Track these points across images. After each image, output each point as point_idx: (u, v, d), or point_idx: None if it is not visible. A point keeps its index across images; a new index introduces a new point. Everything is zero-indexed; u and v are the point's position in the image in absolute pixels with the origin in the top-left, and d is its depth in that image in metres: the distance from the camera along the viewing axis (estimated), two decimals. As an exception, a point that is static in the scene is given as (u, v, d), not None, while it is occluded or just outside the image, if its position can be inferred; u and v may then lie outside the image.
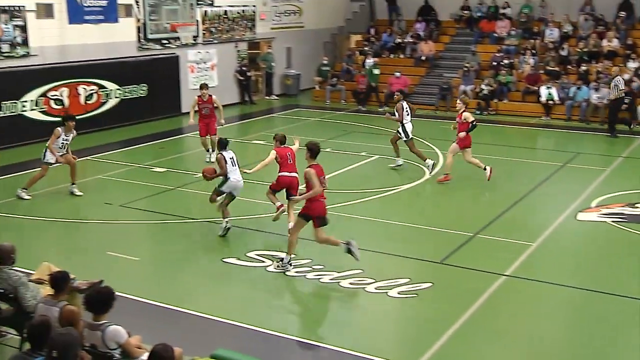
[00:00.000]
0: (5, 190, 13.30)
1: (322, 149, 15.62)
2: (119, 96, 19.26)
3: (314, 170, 9.06)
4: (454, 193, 13.48)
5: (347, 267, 9.40)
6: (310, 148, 9.34)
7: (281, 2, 25.61)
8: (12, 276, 6.82)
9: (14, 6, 16.35)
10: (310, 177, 9.02)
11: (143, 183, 13.76)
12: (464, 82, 23.09)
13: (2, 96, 16.25)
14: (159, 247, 10.64)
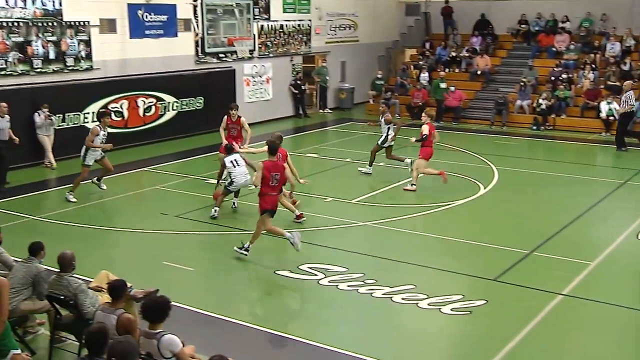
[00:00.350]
0: (66, 200, 13.71)
1: (376, 163, 15.65)
2: (176, 108, 19.67)
3: (262, 165, 9.93)
4: (509, 209, 13.26)
5: (400, 282, 9.33)
6: (269, 145, 10.20)
7: (336, 16, 25.77)
8: (73, 283, 7.01)
9: (80, 21, 16.92)
10: (257, 169, 9.97)
11: (198, 194, 13.98)
12: (520, 97, 22.74)
13: (66, 108, 16.79)
14: (213, 257, 10.77)
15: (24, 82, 15.94)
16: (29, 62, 16.00)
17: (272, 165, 9.97)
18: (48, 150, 16.01)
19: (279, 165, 10.15)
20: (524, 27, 25.86)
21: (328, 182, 15.37)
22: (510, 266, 10.09)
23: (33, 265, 7.27)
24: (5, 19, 15.36)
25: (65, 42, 16.67)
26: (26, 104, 15.71)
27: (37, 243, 7.45)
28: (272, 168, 9.94)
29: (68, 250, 7.31)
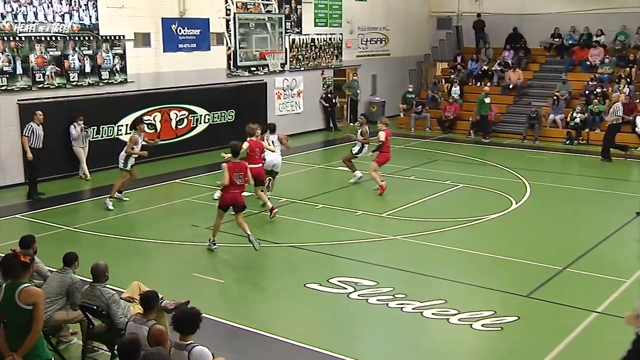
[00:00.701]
0: (101, 211, 13.92)
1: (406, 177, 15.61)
2: (207, 121, 19.87)
3: (226, 165, 10.97)
4: (542, 225, 13.08)
5: (430, 297, 9.26)
6: (231, 148, 11.32)
7: (367, 30, 25.84)
8: (105, 294, 7.10)
9: (115, 36, 17.23)
10: (222, 170, 10.96)
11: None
12: (553, 111, 22.50)
13: (100, 120, 17.07)
14: (243, 270, 10.81)
15: (60, 95, 16.25)
16: (66, 75, 16.32)
17: (235, 166, 11.02)
18: (83, 161, 16.28)
19: (242, 165, 11.15)
20: (557, 40, 25.63)
21: (358, 195, 15.35)
22: (543, 282, 9.95)
23: (67, 276, 7.38)
24: (44, 33, 15.71)
25: (100, 56, 16.98)
26: (62, 116, 16.02)
27: (71, 254, 7.57)
28: (236, 168, 10.99)
29: (101, 261, 7.41)
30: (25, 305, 5.76)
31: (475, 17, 27.13)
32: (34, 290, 5.87)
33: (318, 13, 23.42)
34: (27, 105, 15.33)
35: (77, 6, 16.28)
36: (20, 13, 15.21)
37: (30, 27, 15.43)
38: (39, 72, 15.75)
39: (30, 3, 15.36)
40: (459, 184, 16.00)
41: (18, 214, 13.52)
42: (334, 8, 24.06)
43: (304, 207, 14.14)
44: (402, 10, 27.25)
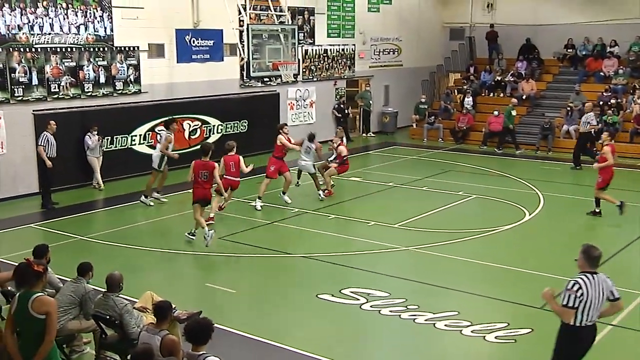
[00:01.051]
0: (115, 220, 13.99)
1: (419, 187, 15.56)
2: (220, 131, 19.94)
3: (193, 164, 12.00)
4: (555, 236, 12.99)
5: (443, 309, 9.21)
6: (202, 147, 12.41)
7: (380, 41, 25.89)
8: (119, 304, 7.12)
9: (129, 47, 17.36)
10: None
11: (241, 216, 14.09)
12: (566, 121, 22.40)
13: (115, 130, 17.18)
14: (255, 280, 10.80)
15: (74, 105, 16.37)
16: (80, 86, 16.45)
17: (202, 165, 11.93)
18: (97, 171, 16.38)
19: (209, 165, 11.95)
20: (571, 51, 25.56)
21: (371, 206, 15.33)
22: (557, 294, 9.83)
23: (81, 286, 7.41)
24: (59, 45, 15.86)
25: (115, 67, 17.12)
26: (76, 127, 16.14)
27: (85, 264, 7.60)
28: (202, 167, 11.92)
29: (116, 271, 7.44)
30: (38, 314, 5.78)
31: (488, 28, 27.12)
32: (46, 300, 5.89)
33: (331, 24, 23.49)
34: (42, 115, 15.46)
35: (92, 18, 16.44)
36: (36, 25, 15.38)
37: (46, 38, 15.59)
38: (54, 82, 15.89)
39: (46, 15, 15.53)
40: (472, 195, 15.94)
41: (32, 224, 13.61)
42: (346, 19, 24.12)
43: (316, 218, 14.14)
44: (415, 21, 27.29)
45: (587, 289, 6.09)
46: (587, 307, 6.11)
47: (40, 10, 15.42)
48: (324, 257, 11.53)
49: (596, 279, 6.19)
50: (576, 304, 6.09)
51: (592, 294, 6.11)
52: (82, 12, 16.21)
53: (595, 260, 6.25)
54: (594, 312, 6.18)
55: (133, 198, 15.52)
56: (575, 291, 6.08)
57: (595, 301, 6.13)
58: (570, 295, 6.10)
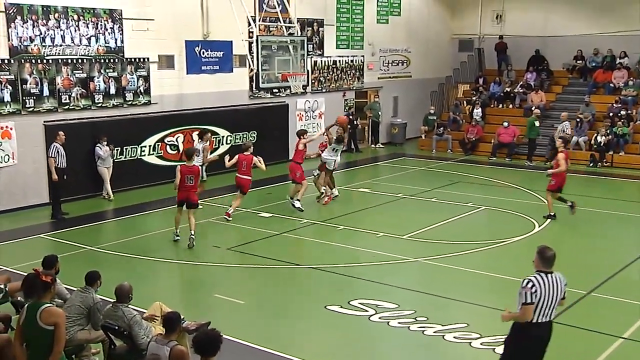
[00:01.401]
0: (124, 231, 14.03)
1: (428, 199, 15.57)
2: (230, 142, 19.98)
3: (178, 168, 12.54)
4: (565, 248, 12.92)
5: (452, 321, 9.17)
6: (185, 152, 13.13)
7: (389, 52, 25.94)
8: (128, 314, 7.13)
9: (140, 58, 17.47)
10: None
11: (250, 227, 14.10)
12: (576, 133, 22.33)
13: (124, 141, 17.26)
14: (264, 291, 10.79)
15: (85, 117, 16.47)
16: (91, 97, 16.55)
17: (187, 169, 12.45)
18: (107, 181, 16.44)
19: (194, 169, 12.54)
20: (580, 62, 25.51)
21: (379, 217, 15.30)
22: (567, 307, 9.79)
23: (89, 296, 7.42)
24: (70, 56, 15.99)
25: (125, 78, 17.22)
26: (86, 137, 16.22)
27: (93, 272, 7.61)
28: (187, 171, 12.43)
29: (126, 282, 7.46)
30: (46, 325, 5.80)
31: (497, 39, 27.13)
32: (55, 311, 5.91)
33: (340, 35, 23.58)
34: (52, 126, 15.56)
35: (103, 29, 16.57)
36: (48, 36, 15.51)
37: (57, 50, 15.72)
38: (65, 93, 16.00)
39: (57, 27, 15.66)
40: (481, 207, 15.89)
41: (42, 234, 13.67)
42: (355, 30, 24.22)
43: (324, 229, 14.13)
44: (424, 32, 27.34)
45: (540, 286, 6.38)
46: (541, 304, 6.38)
47: (52, 22, 15.55)
48: (333, 268, 11.52)
49: (550, 277, 6.48)
50: (532, 300, 6.36)
51: (546, 291, 6.39)
52: (93, 24, 16.34)
53: (549, 260, 6.55)
54: (547, 310, 6.44)
55: (142, 208, 15.58)
56: (530, 288, 6.38)
57: (548, 299, 6.41)
58: (525, 292, 6.39)
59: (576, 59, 25.62)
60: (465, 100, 26.42)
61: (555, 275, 6.53)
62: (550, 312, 6.49)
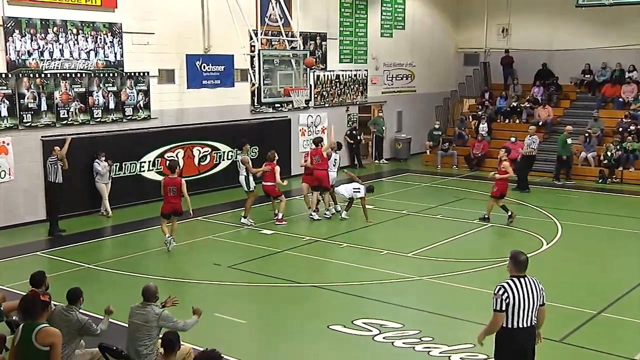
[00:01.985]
0: (122, 248, 14.01)
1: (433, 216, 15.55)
2: (231, 158, 20.01)
3: (162, 180, 13.68)
4: (574, 266, 12.88)
5: (459, 341, 9.11)
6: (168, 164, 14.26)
7: (393, 66, 26.03)
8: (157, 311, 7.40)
9: (139, 72, 17.55)
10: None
11: (251, 245, 14.08)
12: (585, 148, 22.32)
13: (124, 157, 17.30)
14: (266, 310, 10.75)
15: (84, 131, 16.52)
16: (90, 111, 16.61)
17: (170, 181, 13.33)
18: (105, 198, 16.45)
19: (176, 181, 13.29)
20: (588, 77, 25.57)
21: (383, 234, 15.28)
22: (576, 327, 9.75)
23: (73, 318, 7.23)
24: (69, 70, 16.06)
25: (125, 92, 17.29)
26: (85, 153, 16.24)
27: (75, 290, 7.46)
28: (170, 183, 13.30)
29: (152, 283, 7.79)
30: (42, 346, 5.78)
31: (503, 53, 27.22)
32: (52, 331, 5.89)
33: (343, 49, 23.70)
34: (50, 141, 15.60)
35: (102, 43, 16.66)
36: (46, 50, 15.60)
37: (55, 64, 15.80)
38: (63, 108, 16.06)
39: (56, 40, 15.76)
40: (487, 224, 15.85)
41: (38, 251, 13.65)
42: (359, 44, 24.33)
43: (327, 246, 14.11)
44: (428, 46, 27.46)
45: (512, 292, 6.50)
46: (517, 309, 6.48)
47: (51, 36, 15.65)
48: (336, 287, 11.48)
49: (524, 281, 6.60)
50: (503, 307, 6.47)
51: (519, 296, 6.49)
52: (92, 38, 16.44)
53: (522, 264, 6.66)
54: (525, 315, 6.52)
55: (141, 225, 15.57)
56: (501, 295, 6.50)
57: (524, 303, 6.50)
58: (496, 299, 6.52)
59: (584, 73, 25.68)
60: (471, 115, 26.46)
61: (528, 279, 6.63)
62: (531, 317, 6.57)
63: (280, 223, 15.57)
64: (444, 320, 10.09)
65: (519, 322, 6.51)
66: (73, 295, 7.41)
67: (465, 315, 10.19)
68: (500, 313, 6.49)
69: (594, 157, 22.05)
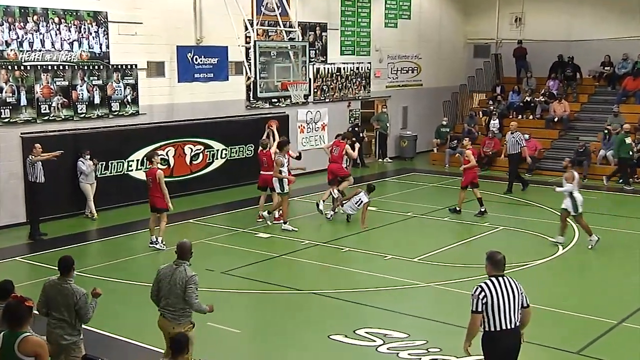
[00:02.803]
0: (108, 253, 14.01)
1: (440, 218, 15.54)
2: (225, 156, 20.03)
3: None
4: (593, 273, 12.88)
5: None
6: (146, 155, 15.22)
7: (398, 59, 26.05)
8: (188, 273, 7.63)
9: (127, 65, 17.55)
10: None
11: (247, 249, 14.08)
12: (604, 146, 22.31)
13: (110, 155, 17.29)
14: (262, 319, 10.76)
15: (67, 128, 16.51)
16: (73, 107, 16.61)
17: (147, 173, 14.00)
18: (90, 199, 16.44)
19: (152, 172, 13.69)
20: (608, 69, 25.55)
21: (387, 238, 15.28)
22: (595, 338, 9.74)
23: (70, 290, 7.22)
24: (50, 62, 16.06)
25: (111, 86, 17.29)
26: (68, 151, 16.22)
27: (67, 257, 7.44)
28: (147, 174, 13.93)
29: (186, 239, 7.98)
30: (25, 357, 5.75)
31: (516, 44, 27.22)
32: (36, 341, 5.85)
33: (345, 40, 23.70)
34: (30, 138, 15.60)
35: (86, 33, 16.66)
36: (25, 40, 15.59)
37: (36, 55, 15.81)
38: (44, 103, 16.06)
39: (37, 30, 15.75)
40: (499, 227, 15.86)
41: (18, 257, 13.66)
42: (361, 35, 24.34)
43: (328, 251, 14.11)
44: (436, 37, 27.48)
45: (490, 292, 6.75)
46: (496, 309, 6.72)
47: (31, 25, 15.64)
48: (337, 294, 11.47)
49: (502, 281, 6.86)
50: (479, 308, 6.74)
51: (498, 296, 6.75)
52: (75, 28, 16.44)
53: (499, 263, 6.96)
54: (506, 315, 6.75)
55: (129, 228, 15.57)
56: (478, 295, 6.77)
57: (504, 304, 6.74)
58: (474, 300, 6.79)
59: (604, 65, 25.66)
60: (481, 110, 26.46)
61: (507, 279, 6.90)
62: (515, 318, 6.78)
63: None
64: (452, 330, 10.07)
65: (502, 324, 6.70)
66: (66, 264, 7.33)
67: (476, 325, 10.16)
68: (477, 314, 6.72)
69: (613, 155, 22.03)
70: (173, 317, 7.59)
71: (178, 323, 7.59)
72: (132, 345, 9.40)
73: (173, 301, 7.57)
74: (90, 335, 8.15)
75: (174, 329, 7.53)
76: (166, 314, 7.62)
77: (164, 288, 7.64)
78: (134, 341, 7.96)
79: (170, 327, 7.58)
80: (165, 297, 7.62)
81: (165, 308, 7.64)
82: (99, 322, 8.86)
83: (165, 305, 7.64)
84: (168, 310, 7.61)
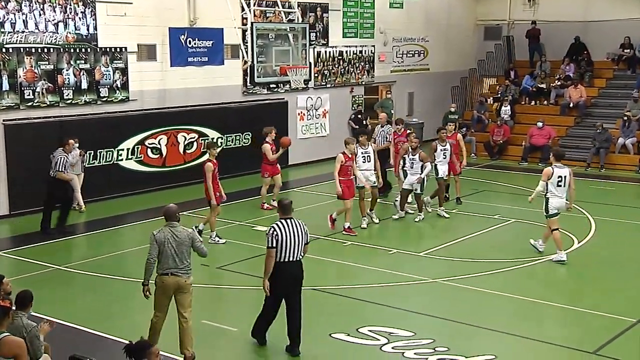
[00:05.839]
0: (97, 247, 14.03)
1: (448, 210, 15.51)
2: (220, 145, 20.01)
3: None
4: (610, 268, 12.88)
5: (478, 352, 9.14)
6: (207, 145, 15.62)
7: (404, 41, 26.00)
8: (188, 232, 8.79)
9: (116, 48, 17.52)
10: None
11: (243, 243, 14.10)
12: (623, 134, 22.31)
13: (99, 144, 17.28)
14: (259, 317, 10.76)
15: (52, 115, 16.51)
16: (59, 92, 16.60)
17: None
18: (77, 190, 16.41)
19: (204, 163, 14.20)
20: (628, 51, 25.46)
21: (392, 232, 15.30)
22: (613, 337, 9.77)
23: (19, 323, 6.97)
24: (34, 45, 16.03)
25: (99, 71, 17.27)
26: (54, 139, 16.15)
27: (26, 292, 7.32)
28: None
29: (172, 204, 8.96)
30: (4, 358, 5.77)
31: (530, 25, 27.14)
32: (15, 341, 5.87)
33: (347, 22, 23.65)
34: (13, 126, 15.60)
35: (72, 14, 16.64)
36: (7, 21, 15.56)
37: (18, 37, 15.78)
38: (28, 88, 16.05)
39: (19, 10, 15.72)
40: (510, 219, 15.88)
41: (1, 251, 13.66)
42: (365, 16, 24.29)
43: (330, 245, 14.12)
44: (444, 18, 27.41)
45: (280, 230, 8.81)
46: (285, 245, 8.79)
47: (12, 5, 15.61)
48: (339, 290, 11.50)
49: (290, 222, 8.94)
50: (273, 244, 8.78)
51: (286, 234, 8.81)
52: (61, 8, 16.41)
53: (286, 207, 9.07)
54: (292, 250, 8.85)
55: (119, 221, 15.58)
56: (271, 233, 8.81)
57: (291, 240, 8.83)
58: (269, 237, 8.82)
59: (623, 48, 25.55)
60: (492, 96, 26.45)
61: (294, 221, 8.95)
62: (299, 253, 8.90)
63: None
64: (460, 328, 10.11)
65: (288, 256, 8.81)
66: (24, 300, 7.23)
67: (484, 323, 10.21)
68: (272, 249, 8.78)
69: (633, 143, 22.02)
70: (184, 271, 8.63)
71: (188, 276, 8.67)
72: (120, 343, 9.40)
73: (183, 256, 8.62)
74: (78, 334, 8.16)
75: (186, 281, 8.65)
76: (176, 271, 8.58)
77: (168, 250, 8.56)
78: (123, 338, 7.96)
79: (182, 280, 8.62)
80: (173, 257, 8.57)
81: (174, 267, 8.57)
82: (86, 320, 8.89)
83: (174, 264, 8.58)
84: (178, 267, 8.59)
